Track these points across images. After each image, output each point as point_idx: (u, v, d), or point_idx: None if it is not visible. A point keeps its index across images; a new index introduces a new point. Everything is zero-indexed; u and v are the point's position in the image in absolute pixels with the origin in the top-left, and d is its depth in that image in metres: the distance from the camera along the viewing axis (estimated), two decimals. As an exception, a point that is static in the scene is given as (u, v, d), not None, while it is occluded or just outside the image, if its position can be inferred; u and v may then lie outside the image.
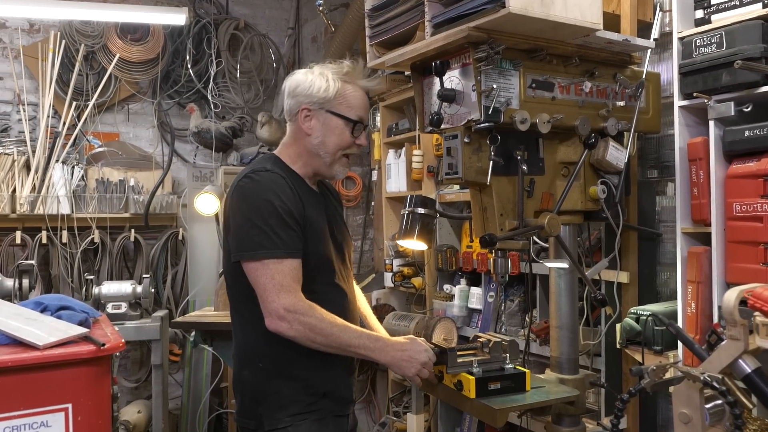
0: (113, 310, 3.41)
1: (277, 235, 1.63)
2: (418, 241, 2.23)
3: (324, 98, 1.76)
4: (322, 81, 1.76)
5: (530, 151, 1.87)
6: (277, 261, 1.62)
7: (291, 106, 1.80)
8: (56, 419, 1.11)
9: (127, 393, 4.17)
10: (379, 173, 4.06)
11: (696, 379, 1.07)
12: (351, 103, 1.79)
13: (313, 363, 1.71)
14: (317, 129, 1.77)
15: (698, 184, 2.02)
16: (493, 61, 1.68)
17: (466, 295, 3.18)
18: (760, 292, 1.09)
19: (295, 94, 1.79)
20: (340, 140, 1.78)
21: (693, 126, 2.09)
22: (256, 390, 1.73)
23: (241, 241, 1.65)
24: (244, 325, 1.77)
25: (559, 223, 1.80)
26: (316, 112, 1.77)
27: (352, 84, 1.80)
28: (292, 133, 1.82)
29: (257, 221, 1.63)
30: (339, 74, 1.79)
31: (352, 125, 1.79)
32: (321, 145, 1.78)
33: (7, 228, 3.76)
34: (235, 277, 1.72)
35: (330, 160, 1.80)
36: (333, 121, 1.77)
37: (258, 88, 4.49)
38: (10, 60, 3.95)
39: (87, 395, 1.15)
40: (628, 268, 2.46)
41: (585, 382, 2.00)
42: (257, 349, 1.73)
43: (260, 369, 1.72)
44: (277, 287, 1.60)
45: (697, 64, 1.98)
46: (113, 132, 4.22)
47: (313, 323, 1.61)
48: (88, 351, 1.17)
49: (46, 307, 1.34)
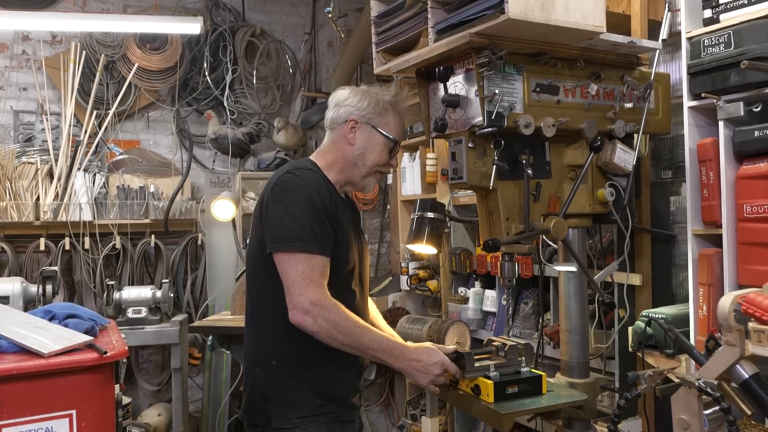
0: (133, 314, 3.49)
1: (314, 231, 1.67)
2: (427, 245, 2.24)
3: (372, 113, 1.86)
4: (371, 98, 1.86)
5: (536, 155, 1.87)
6: (309, 255, 1.65)
7: (338, 115, 1.88)
8: (61, 425, 1.15)
9: (149, 396, 4.25)
10: (395, 177, 4.07)
11: (691, 385, 1.06)
12: (394, 125, 1.89)
13: (325, 366, 1.75)
14: (360, 141, 1.86)
15: (708, 186, 1.99)
16: (495, 66, 1.68)
17: (480, 298, 3.18)
18: (753, 297, 1.07)
19: (344, 104, 1.87)
20: (380, 156, 1.87)
21: (703, 126, 2.07)
22: (267, 388, 1.76)
23: (279, 232, 1.68)
24: (262, 323, 1.80)
25: (565, 227, 1.79)
26: (363, 125, 1.86)
27: (395, 108, 1.91)
28: (332, 141, 1.89)
29: (297, 214, 1.67)
30: (388, 96, 1.90)
31: (392, 145, 1.88)
32: (360, 156, 1.86)
33: (31, 235, 3.86)
34: (261, 272, 1.75)
35: (366, 173, 1.88)
36: (376, 137, 1.86)
37: (275, 94, 4.54)
38: (33, 71, 4.06)
39: (91, 401, 1.19)
40: (641, 270, 2.44)
41: (596, 386, 1.98)
42: (272, 348, 1.77)
43: (273, 367, 1.75)
44: (306, 280, 1.63)
45: (705, 64, 1.95)
46: (134, 139, 4.31)
47: (337, 320, 1.63)
48: (91, 359, 1.21)
49: (54, 316, 1.38)
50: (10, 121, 4.06)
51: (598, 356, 2.38)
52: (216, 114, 4.26)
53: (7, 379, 1.13)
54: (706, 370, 1.11)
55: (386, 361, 1.72)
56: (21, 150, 3.93)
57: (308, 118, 4.51)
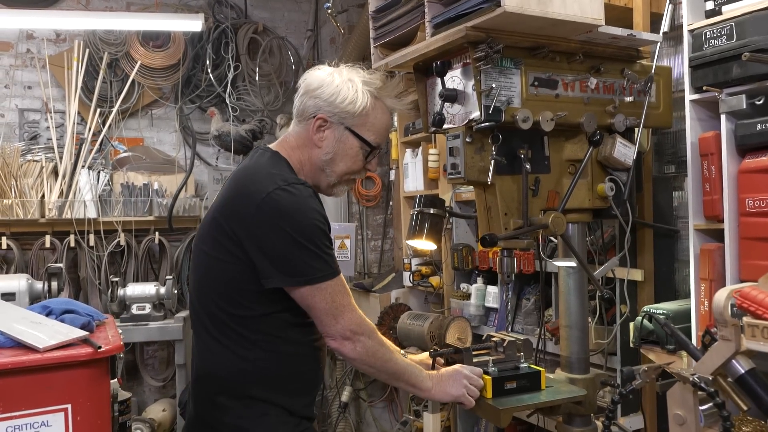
0: (138, 311, 3.51)
1: (328, 255, 1.51)
2: (426, 240, 2.23)
3: (347, 113, 1.56)
4: (349, 91, 1.56)
5: (535, 150, 1.85)
6: (331, 282, 1.50)
7: (306, 107, 1.59)
8: (56, 419, 1.15)
9: (155, 391, 4.28)
10: (397, 173, 4.07)
11: (686, 380, 1.05)
12: (375, 126, 1.61)
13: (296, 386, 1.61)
14: (330, 144, 1.59)
15: (710, 180, 1.97)
16: (492, 60, 1.66)
17: (482, 294, 3.17)
18: (747, 291, 1.06)
19: (314, 95, 1.58)
20: (352, 163, 1.62)
21: (705, 120, 2.05)
22: (240, 416, 1.54)
23: (289, 266, 1.47)
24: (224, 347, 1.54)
25: (563, 222, 1.78)
26: (334, 125, 1.57)
27: (381, 102, 1.62)
28: (299, 137, 1.62)
29: (306, 243, 1.46)
30: (370, 86, 1.59)
31: (368, 150, 1.61)
32: (329, 162, 1.60)
33: (37, 232, 3.89)
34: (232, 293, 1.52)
35: (334, 181, 1.64)
36: (350, 141, 1.59)
37: (277, 91, 4.54)
38: (38, 70, 4.08)
39: (86, 396, 1.19)
40: (643, 265, 2.42)
41: (596, 382, 1.97)
42: (245, 375, 1.54)
43: (245, 396, 1.54)
44: (339, 308, 1.50)
45: (707, 56, 1.93)
46: (138, 137, 4.33)
47: (375, 347, 1.54)
48: (86, 353, 1.22)
49: (51, 311, 1.39)
50: (16, 120, 4.09)
51: (599, 352, 2.37)
52: (219, 111, 4.27)
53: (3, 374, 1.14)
54: (701, 365, 1.10)
55: (413, 391, 1.64)
56: (26, 148, 3.95)
57: (311, 114, 4.50)
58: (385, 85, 1.63)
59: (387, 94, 1.64)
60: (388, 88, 1.64)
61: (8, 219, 3.70)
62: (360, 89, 1.58)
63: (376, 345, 1.55)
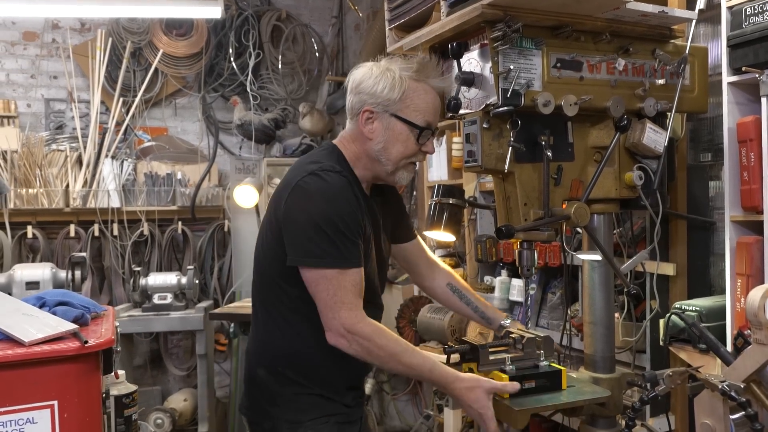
0: (159, 300, 3.51)
1: (344, 245, 1.51)
2: (445, 231, 2.14)
3: (388, 100, 1.58)
4: (387, 79, 1.58)
5: (558, 136, 1.75)
6: (340, 272, 1.51)
7: (353, 104, 1.64)
8: (42, 416, 1.11)
9: (179, 381, 4.30)
10: (421, 162, 3.98)
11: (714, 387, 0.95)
12: (419, 106, 1.60)
13: (333, 367, 1.63)
14: (379, 134, 1.61)
15: (749, 168, 1.84)
16: (510, 39, 1.56)
17: (507, 287, 3.06)
18: (787, 291, 0.95)
19: (357, 90, 1.62)
20: (405, 148, 1.62)
21: (744, 104, 1.91)
22: (274, 391, 1.64)
23: (303, 245, 1.52)
24: (270, 324, 1.67)
25: (587, 212, 1.67)
26: (380, 114, 1.60)
27: (423, 83, 1.62)
28: (353, 132, 1.66)
29: (323, 225, 1.50)
30: (408, 71, 1.60)
31: (419, 132, 1.61)
32: (383, 151, 1.62)
33: (62, 222, 3.92)
34: (275, 274, 1.62)
35: (392, 168, 1.64)
36: (397, 127, 1.60)
37: (301, 79, 4.49)
38: (63, 60, 4.10)
39: (73, 392, 1.15)
40: (675, 259, 2.29)
41: (621, 382, 1.87)
42: (278, 350, 1.64)
43: (278, 372, 1.64)
44: (338, 303, 1.50)
45: (747, 35, 1.79)
46: (161, 126, 4.33)
47: (371, 348, 1.52)
48: (72, 348, 1.17)
49: (45, 303, 1.36)
50: (42, 110, 4.12)
51: (627, 350, 2.25)
52: (242, 100, 4.24)
53: (-13, 368, 1.11)
54: (732, 371, 0.99)
55: None
56: (51, 137, 3.98)
57: (334, 102, 4.44)
58: (422, 66, 1.63)
59: (426, 75, 1.63)
60: (427, 69, 1.64)
61: (33, 208, 3.74)
62: (398, 76, 1.60)
63: (371, 347, 1.52)
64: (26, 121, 4.05)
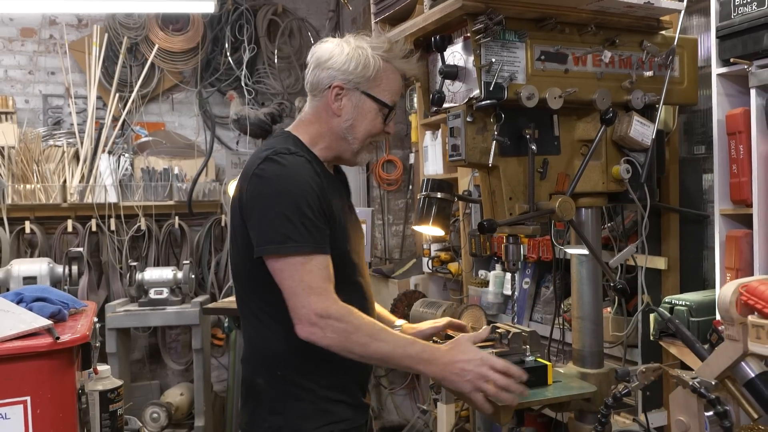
0: (155, 295, 3.52)
1: (306, 228, 1.44)
2: (434, 226, 2.13)
3: (362, 77, 1.57)
4: (361, 57, 1.57)
5: (543, 130, 1.73)
6: (305, 258, 1.43)
7: (319, 80, 1.60)
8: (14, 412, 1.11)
9: (177, 375, 4.32)
10: (417, 156, 3.96)
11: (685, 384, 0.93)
12: (388, 87, 1.61)
13: (335, 370, 1.56)
14: (348, 110, 1.59)
15: (738, 161, 1.82)
16: (493, 32, 1.55)
17: (501, 281, 3.05)
18: (755, 287, 0.93)
19: (326, 66, 1.58)
20: (372, 126, 1.61)
21: (734, 96, 1.88)
22: (274, 400, 1.55)
23: (265, 234, 1.45)
24: (260, 328, 1.59)
25: (572, 206, 1.66)
26: (351, 91, 1.58)
27: (391, 64, 1.62)
28: (316, 110, 1.62)
29: (283, 211, 1.44)
30: (380, 51, 1.60)
31: (387, 111, 1.62)
32: (350, 129, 1.60)
33: (60, 217, 3.93)
34: (251, 273, 1.54)
35: (357, 147, 1.63)
36: (367, 104, 1.59)
37: (297, 74, 4.47)
38: (60, 55, 4.11)
39: (46, 388, 1.15)
40: (668, 253, 2.27)
41: (609, 377, 1.85)
42: (276, 356, 1.56)
43: (278, 378, 1.55)
44: (306, 290, 1.41)
45: (735, 25, 1.77)
46: (159, 122, 4.33)
47: (348, 330, 1.41)
48: (44, 344, 1.17)
49: (23, 299, 1.35)
50: (39, 105, 4.13)
51: (618, 344, 2.24)
52: (238, 94, 4.23)
53: (-43, 365, 1.10)
54: (705, 367, 0.98)
55: (417, 369, 1.49)
56: (48, 133, 3.99)
57: (331, 97, 4.42)
58: (392, 47, 1.63)
59: (395, 56, 1.63)
60: (396, 50, 1.63)
61: (31, 203, 3.75)
62: (370, 54, 1.59)
63: (350, 328, 1.41)
64: (24, 116, 4.06)
